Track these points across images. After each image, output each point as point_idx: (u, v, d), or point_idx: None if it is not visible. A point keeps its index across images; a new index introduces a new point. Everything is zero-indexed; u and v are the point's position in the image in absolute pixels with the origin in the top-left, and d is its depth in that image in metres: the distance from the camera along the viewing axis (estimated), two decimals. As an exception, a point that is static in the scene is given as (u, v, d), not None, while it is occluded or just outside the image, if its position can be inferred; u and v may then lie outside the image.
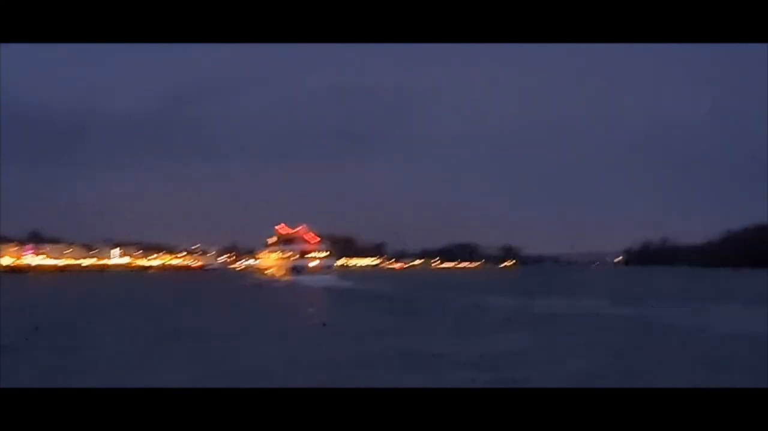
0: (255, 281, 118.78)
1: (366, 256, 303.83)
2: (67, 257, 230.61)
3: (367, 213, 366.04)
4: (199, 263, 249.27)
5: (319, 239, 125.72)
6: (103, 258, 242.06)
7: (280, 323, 48.26)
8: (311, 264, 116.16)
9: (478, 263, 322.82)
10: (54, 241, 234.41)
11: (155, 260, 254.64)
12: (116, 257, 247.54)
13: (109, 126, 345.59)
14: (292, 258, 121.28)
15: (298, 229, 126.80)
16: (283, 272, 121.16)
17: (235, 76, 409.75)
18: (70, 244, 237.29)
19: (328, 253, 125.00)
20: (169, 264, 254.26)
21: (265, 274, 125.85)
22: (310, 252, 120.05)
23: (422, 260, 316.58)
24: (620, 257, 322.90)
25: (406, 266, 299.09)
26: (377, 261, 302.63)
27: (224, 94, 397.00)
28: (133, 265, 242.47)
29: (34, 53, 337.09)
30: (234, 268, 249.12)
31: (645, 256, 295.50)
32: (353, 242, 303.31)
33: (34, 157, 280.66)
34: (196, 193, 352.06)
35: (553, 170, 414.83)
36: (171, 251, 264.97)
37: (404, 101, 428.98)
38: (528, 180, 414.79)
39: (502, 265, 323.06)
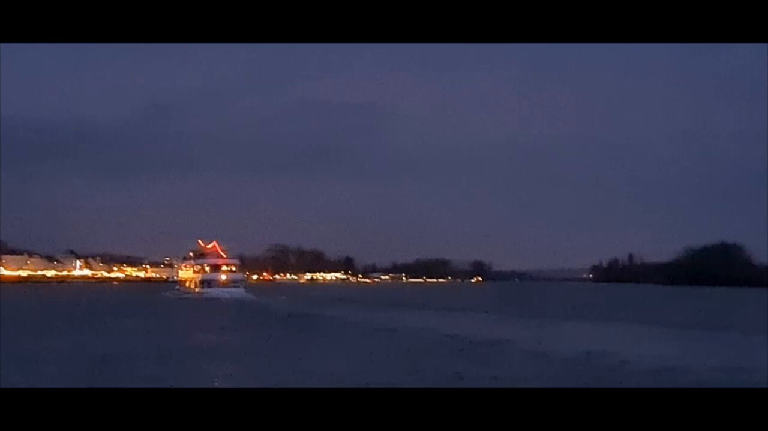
0: (175, 292, 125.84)
1: (334, 270, 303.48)
2: (28, 268, 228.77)
3: (336, 228, 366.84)
4: (164, 276, 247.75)
5: (226, 254, 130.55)
6: (64, 270, 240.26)
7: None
8: (222, 278, 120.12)
9: (448, 278, 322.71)
10: (17, 252, 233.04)
11: (118, 273, 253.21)
12: (78, 269, 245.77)
13: (78, 137, 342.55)
14: (203, 272, 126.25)
15: (211, 244, 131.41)
16: (194, 284, 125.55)
17: (208, 90, 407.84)
18: (31, 254, 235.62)
19: (235, 268, 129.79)
20: (134, 276, 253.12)
21: (185, 286, 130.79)
22: (221, 266, 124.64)
23: (391, 276, 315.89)
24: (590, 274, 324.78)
25: (376, 281, 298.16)
26: (345, 276, 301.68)
27: (197, 108, 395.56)
28: (95, 277, 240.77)
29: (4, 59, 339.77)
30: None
31: (613, 273, 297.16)
32: (322, 256, 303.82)
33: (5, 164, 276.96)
34: (166, 205, 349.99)
35: (526, 186, 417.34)
36: (136, 263, 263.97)
37: (376, 117, 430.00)
38: (500, 196, 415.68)
39: (473, 280, 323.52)
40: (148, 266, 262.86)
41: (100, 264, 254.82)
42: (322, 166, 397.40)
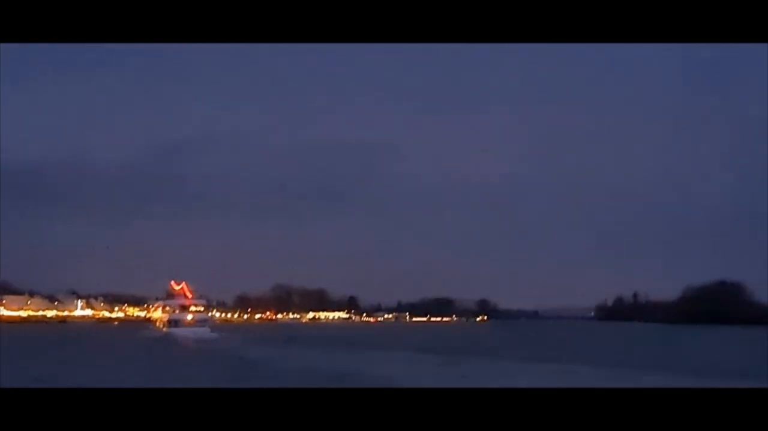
0: (148, 332, 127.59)
1: (338, 310, 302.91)
2: (29, 309, 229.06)
3: (340, 267, 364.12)
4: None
5: (192, 295, 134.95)
6: (65, 310, 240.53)
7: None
8: (188, 318, 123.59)
9: (452, 317, 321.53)
10: (20, 292, 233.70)
11: (119, 313, 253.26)
12: (79, 309, 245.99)
13: (81, 177, 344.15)
14: (171, 312, 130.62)
15: (180, 286, 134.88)
16: (163, 324, 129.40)
17: (212, 132, 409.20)
18: (33, 295, 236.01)
19: (203, 308, 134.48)
20: (134, 316, 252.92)
21: (156, 326, 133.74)
22: (188, 307, 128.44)
23: (394, 315, 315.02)
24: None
25: (379, 320, 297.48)
26: (347, 315, 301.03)
27: (201, 150, 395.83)
28: (96, 317, 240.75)
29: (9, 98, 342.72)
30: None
31: (617, 311, 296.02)
32: (325, 295, 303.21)
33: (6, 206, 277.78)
34: (168, 246, 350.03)
35: (531, 224, 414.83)
36: (139, 303, 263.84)
37: (379, 156, 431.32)
38: (505, 235, 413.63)
39: (478, 319, 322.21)
40: (150, 307, 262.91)
41: (102, 304, 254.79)
42: (326, 205, 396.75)
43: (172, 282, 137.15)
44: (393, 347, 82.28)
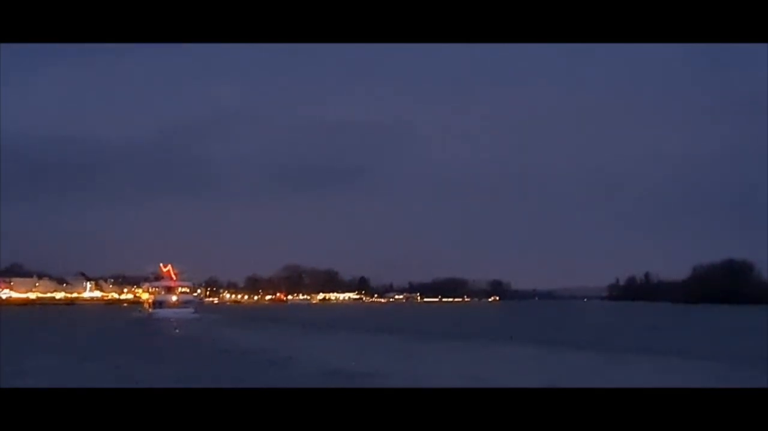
0: (138, 313, 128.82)
1: (349, 290, 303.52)
2: (37, 291, 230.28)
3: (352, 248, 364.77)
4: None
5: (177, 277, 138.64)
6: (74, 292, 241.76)
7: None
8: (172, 299, 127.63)
9: (465, 298, 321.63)
10: (31, 274, 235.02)
11: (128, 294, 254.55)
12: (89, 291, 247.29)
13: (93, 158, 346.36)
14: (157, 294, 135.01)
15: (167, 268, 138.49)
16: (149, 305, 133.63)
17: (224, 113, 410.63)
18: (41, 277, 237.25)
19: (189, 290, 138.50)
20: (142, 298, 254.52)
21: (144, 307, 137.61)
22: (174, 288, 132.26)
23: (405, 296, 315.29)
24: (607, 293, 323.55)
25: (390, 301, 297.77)
26: (358, 296, 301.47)
27: (214, 130, 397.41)
28: (104, 299, 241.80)
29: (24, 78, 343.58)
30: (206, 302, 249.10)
31: (630, 291, 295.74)
32: (336, 276, 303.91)
33: (18, 188, 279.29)
34: (180, 228, 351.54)
35: (543, 205, 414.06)
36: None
37: (392, 136, 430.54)
38: (517, 215, 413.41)
39: (490, 299, 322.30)
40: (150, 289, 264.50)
41: (110, 286, 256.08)
42: (338, 186, 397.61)
43: (161, 264, 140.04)
44: (371, 329, 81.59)
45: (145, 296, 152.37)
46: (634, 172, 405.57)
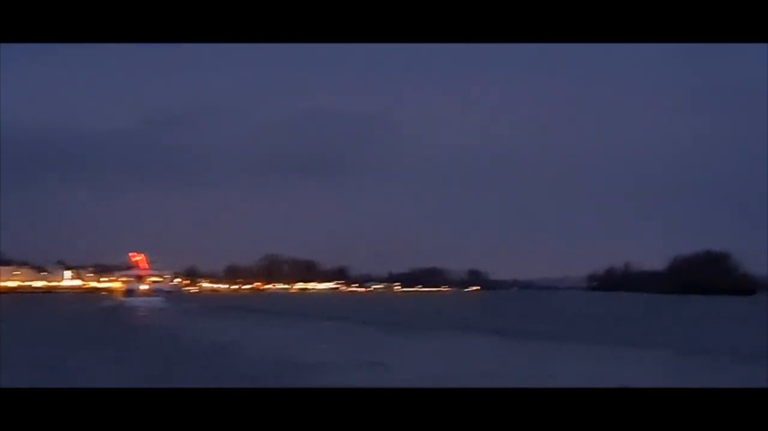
0: (107, 302, 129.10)
1: (328, 280, 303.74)
2: (16, 279, 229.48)
3: (331, 238, 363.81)
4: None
5: (148, 267, 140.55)
6: (54, 280, 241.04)
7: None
8: (142, 288, 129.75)
9: (442, 287, 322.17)
10: (13, 262, 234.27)
11: (109, 283, 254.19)
12: (68, 280, 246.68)
13: (75, 147, 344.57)
14: (129, 283, 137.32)
15: (138, 257, 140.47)
16: (120, 294, 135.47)
17: (205, 102, 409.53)
18: (21, 265, 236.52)
19: (163, 279, 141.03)
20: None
21: (114, 296, 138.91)
22: (145, 277, 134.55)
23: (385, 285, 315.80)
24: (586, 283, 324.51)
25: (368, 290, 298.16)
26: (336, 285, 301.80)
27: (194, 120, 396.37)
28: (84, 287, 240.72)
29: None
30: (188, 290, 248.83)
31: (609, 282, 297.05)
32: (315, 266, 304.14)
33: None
34: (160, 217, 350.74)
35: (522, 194, 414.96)
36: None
37: (371, 126, 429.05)
38: (496, 205, 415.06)
39: (470, 289, 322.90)
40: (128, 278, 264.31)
41: (90, 275, 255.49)
42: (318, 176, 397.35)
43: (131, 254, 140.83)
44: (341, 318, 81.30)
45: (116, 285, 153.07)
46: (614, 163, 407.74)
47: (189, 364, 32.60)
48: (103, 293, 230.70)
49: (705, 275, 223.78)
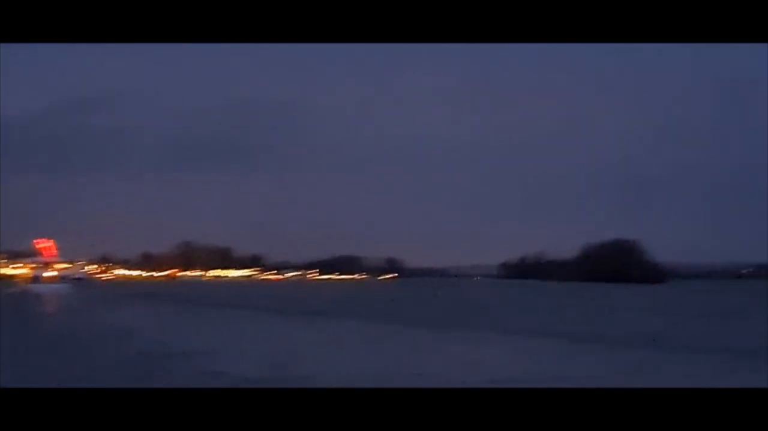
0: (11, 288, 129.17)
1: (244, 267, 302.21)
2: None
3: (247, 225, 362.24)
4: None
5: (55, 253, 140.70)
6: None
7: None
8: (45, 274, 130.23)
9: (359, 275, 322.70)
10: None
11: (23, 269, 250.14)
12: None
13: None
14: (35, 269, 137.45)
15: (45, 244, 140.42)
16: (25, 280, 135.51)
17: (125, 88, 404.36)
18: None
19: (72, 265, 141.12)
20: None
21: (20, 282, 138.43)
22: (51, 264, 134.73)
23: (302, 272, 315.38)
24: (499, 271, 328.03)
25: (284, 277, 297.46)
26: (252, 272, 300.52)
27: (113, 106, 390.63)
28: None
29: None
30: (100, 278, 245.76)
31: (521, 270, 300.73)
32: (230, 253, 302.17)
33: None
34: (74, 203, 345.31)
35: (438, 183, 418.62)
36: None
37: (288, 114, 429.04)
38: (413, 193, 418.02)
39: (388, 277, 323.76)
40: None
41: (4, 261, 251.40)
42: (234, 164, 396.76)
43: (37, 240, 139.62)
44: (240, 306, 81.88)
45: (20, 271, 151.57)
46: (529, 154, 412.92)
47: (51, 353, 32.47)
48: (15, 279, 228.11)
49: (615, 264, 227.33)
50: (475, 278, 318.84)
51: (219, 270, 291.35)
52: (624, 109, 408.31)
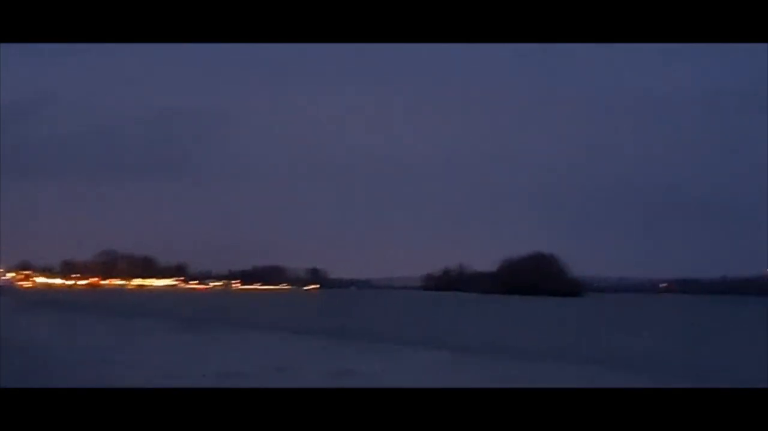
0: None
1: (167, 276, 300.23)
2: None
3: (170, 234, 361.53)
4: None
5: None
6: None
7: None
8: None
9: (282, 285, 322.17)
10: None
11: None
12: None
13: None
14: None
15: None
16: None
17: (46, 95, 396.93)
18: None
19: None
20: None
21: None
22: None
23: (224, 282, 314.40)
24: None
25: (207, 287, 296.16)
26: (175, 282, 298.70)
27: (34, 113, 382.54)
28: None
29: None
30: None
31: (444, 282, 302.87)
32: (153, 262, 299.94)
33: None
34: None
35: (363, 194, 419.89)
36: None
37: (213, 122, 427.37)
38: (338, 204, 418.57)
39: (310, 287, 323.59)
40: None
41: None
42: (158, 173, 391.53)
43: None
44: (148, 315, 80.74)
45: None
46: (452, 166, 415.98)
47: None
48: None
49: (533, 277, 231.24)
50: (398, 290, 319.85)
51: (142, 279, 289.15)
52: (547, 126, 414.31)
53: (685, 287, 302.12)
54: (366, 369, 30.08)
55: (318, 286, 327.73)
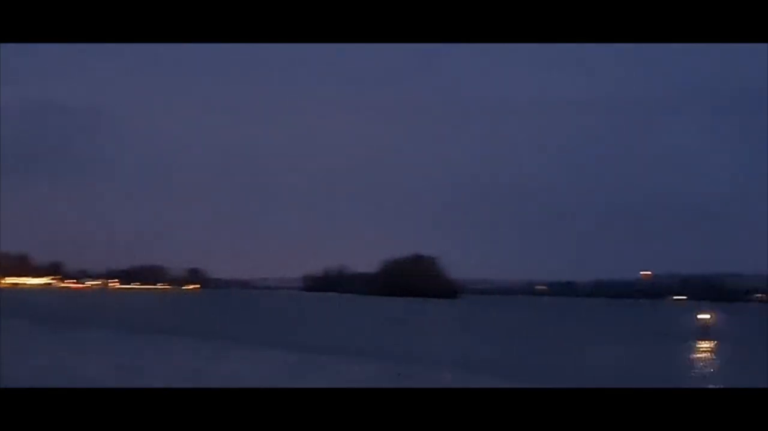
0: None
1: (42, 275, 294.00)
2: None
3: (46, 233, 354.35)
4: None
5: None
6: None
7: None
8: None
9: (161, 285, 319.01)
10: None
11: None
12: None
13: None
14: None
15: None
16: None
17: None
18: None
19: None
20: None
21: None
22: None
23: (102, 281, 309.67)
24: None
25: (84, 286, 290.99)
26: (51, 281, 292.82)
27: None
28: None
29: None
30: None
31: (324, 283, 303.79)
32: (27, 260, 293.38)
33: None
34: None
35: (245, 195, 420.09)
36: None
37: (90, 121, 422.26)
38: (218, 204, 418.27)
39: (191, 287, 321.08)
40: None
41: None
42: (32, 168, 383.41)
43: None
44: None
45: None
46: (341, 168, 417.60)
47: None
48: None
49: (412, 278, 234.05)
50: (278, 290, 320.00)
51: (15, 278, 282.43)
52: (430, 129, 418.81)
53: (561, 290, 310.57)
54: (211, 368, 31.27)
55: (198, 286, 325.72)
